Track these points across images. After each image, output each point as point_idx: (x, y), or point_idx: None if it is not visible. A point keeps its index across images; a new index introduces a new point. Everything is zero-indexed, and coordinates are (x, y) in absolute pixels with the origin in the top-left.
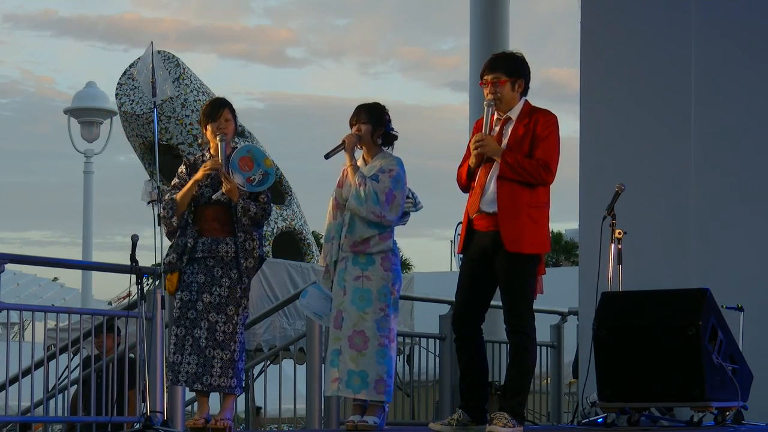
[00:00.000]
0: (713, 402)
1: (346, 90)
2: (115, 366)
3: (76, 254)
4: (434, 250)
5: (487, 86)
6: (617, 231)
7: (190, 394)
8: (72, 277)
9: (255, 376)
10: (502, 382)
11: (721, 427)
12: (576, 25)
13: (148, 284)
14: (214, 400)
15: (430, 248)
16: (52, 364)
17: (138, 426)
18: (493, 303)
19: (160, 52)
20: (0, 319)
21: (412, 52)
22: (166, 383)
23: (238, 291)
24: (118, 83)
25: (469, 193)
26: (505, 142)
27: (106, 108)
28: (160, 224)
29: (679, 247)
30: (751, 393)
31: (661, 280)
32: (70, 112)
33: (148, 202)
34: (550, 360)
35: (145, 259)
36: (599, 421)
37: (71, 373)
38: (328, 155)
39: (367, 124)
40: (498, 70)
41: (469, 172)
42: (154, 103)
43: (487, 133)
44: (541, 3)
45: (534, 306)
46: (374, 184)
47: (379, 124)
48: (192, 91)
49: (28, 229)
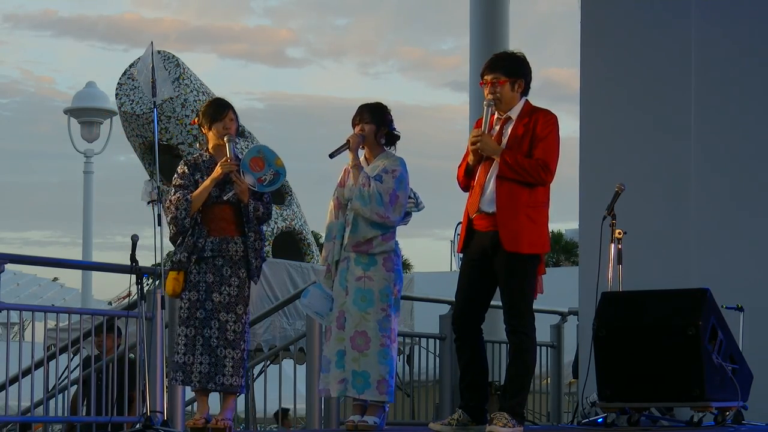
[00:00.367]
0: (713, 402)
1: (346, 90)
2: (115, 366)
3: (76, 254)
4: (434, 250)
5: (487, 86)
6: (617, 231)
7: (190, 394)
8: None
9: (255, 376)
10: (502, 382)
11: (721, 427)
12: (576, 25)
13: (148, 284)
14: (214, 400)
15: (430, 248)
16: (52, 364)
17: (138, 426)
18: (493, 303)
19: (160, 52)
20: (0, 319)
21: (412, 52)
22: (177, 383)
23: (246, 290)
24: (118, 83)
25: (469, 193)
26: (505, 141)
27: (106, 108)
28: (160, 224)
29: (679, 247)
30: (751, 393)
31: (661, 280)
32: (70, 112)
33: (148, 202)
34: (550, 360)
35: (145, 259)
36: (599, 421)
37: (71, 373)
38: (333, 154)
39: (371, 124)
40: (497, 71)
41: (468, 170)
42: (154, 103)
43: (485, 133)
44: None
45: (534, 306)
46: (378, 185)
47: (382, 123)
48: (192, 91)
49: (28, 229)
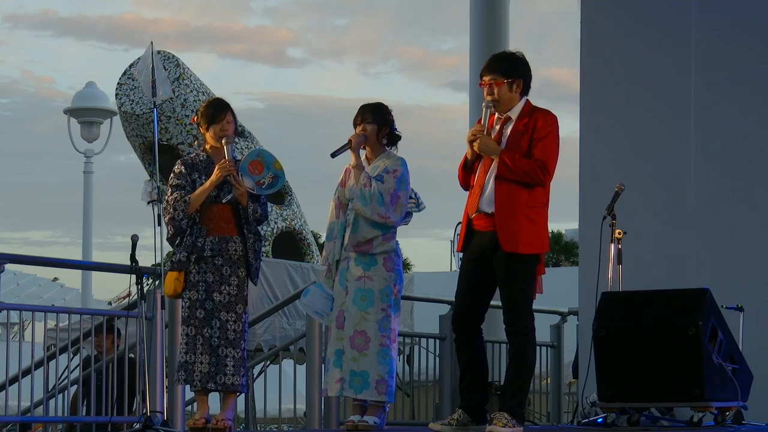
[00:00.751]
0: (713, 402)
1: (346, 90)
2: (115, 366)
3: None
4: (434, 250)
5: (485, 87)
6: (617, 231)
7: (190, 394)
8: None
9: (255, 376)
10: (502, 382)
11: (721, 427)
12: (576, 25)
13: (148, 284)
14: (214, 400)
15: (430, 248)
16: (52, 364)
17: (138, 426)
18: (493, 303)
19: (160, 52)
20: (0, 319)
21: (412, 52)
22: (179, 383)
23: (245, 290)
24: (118, 83)
25: (469, 193)
26: (505, 141)
27: (106, 108)
28: (160, 224)
29: (679, 247)
30: (751, 393)
31: (661, 280)
32: (70, 112)
33: (148, 202)
34: (550, 360)
35: (145, 259)
36: (599, 421)
37: (71, 373)
38: (335, 154)
39: (372, 124)
40: (495, 72)
41: (466, 165)
42: (154, 103)
43: (485, 133)
44: (541, 3)
45: (534, 306)
46: (379, 185)
47: (383, 124)
48: (192, 91)
49: (28, 229)
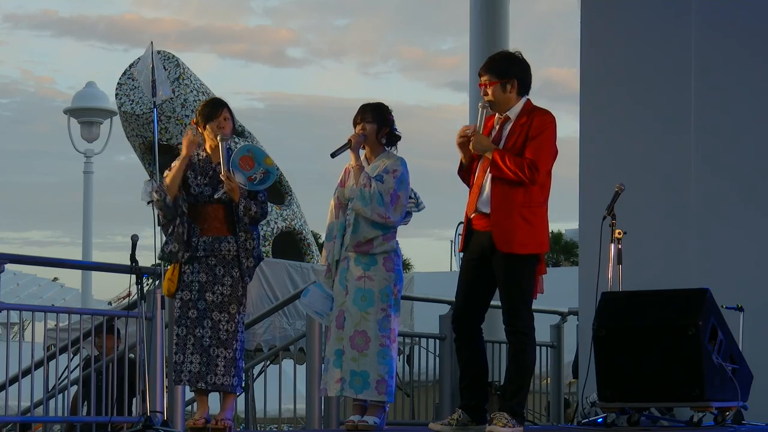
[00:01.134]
0: (713, 402)
1: (346, 90)
2: (115, 366)
3: (76, 254)
4: (434, 250)
5: (482, 88)
6: (617, 231)
7: (190, 394)
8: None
9: (255, 376)
10: (502, 382)
11: (721, 427)
12: (576, 25)
13: (148, 284)
14: (214, 400)
15: (430, 248)
16: (52, 364)
17: (138, 426)
18: (493, 303)
19: (160, 52)
20: (0, 319)
21: (412, 52)
22: (167, 383)
23: (240, 290)
24: (118, 83)
25: (469, 193)
26: (503, 141)
27: (106, 108)
28: (160, 224)
29: (679, 247)
30: (751, 393)
31: (661, 280)
32: (70, 112)
33: (148, 202)
34: (550, 360)
35: (145, 259)
36: (599, 421)
37: (71, 373)
38: (335, 154)
39: (372, 124)
40: (489, 72)
41: (462, 168)
42: (154, 103)
43: (479, 133)
44: (541, 3)
45: (534, 306)
46: (379, 185)
47: (383, 123)
48: (192, 91)
49: (29, 229)
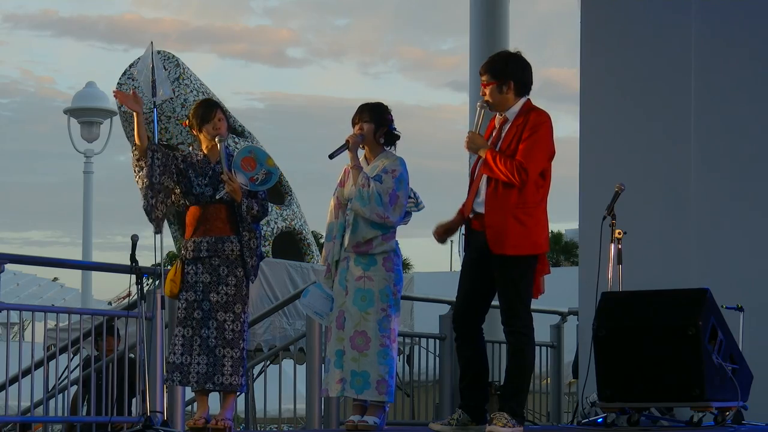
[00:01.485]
0: (713, 402)
1: (346, 90)
2: (115, 366)
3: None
4: (434, 250)
5: (481, 88)
6: (617, 231)
7: (190, 394)
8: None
9: (255, 376)
10: (502, 382)
11: (721, 427)
12: (576, 25)
13: (148, 284)
14: (213, 400)
15: (430, 248)
16: (52, 364)
17: (138, 426)
18: (493, 303)
19: (159, 52)
20: (0, 319)
21: (412, 52)
22: (174, 384)
23: (244, 289)
24: (118, 83)
25: (468, 193)
26: (500, 142)
27: (106, 108)
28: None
29: (679, 247)
30: (751, 393)
31: (661, 280)
32: (70, 112)
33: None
34: (550, 360)
35: (145, 259)
36: (599, 421)
37: (71, 373)
38: (333, 155)
39: (370, 123)
40: (486, 73)
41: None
42: (154, 103)
43: (476, 132)
44: (541, 3)
45: (534, 306)
46: (377, 185)
47: (381, 123)
48: (192, 91)
49: (28, 229)
